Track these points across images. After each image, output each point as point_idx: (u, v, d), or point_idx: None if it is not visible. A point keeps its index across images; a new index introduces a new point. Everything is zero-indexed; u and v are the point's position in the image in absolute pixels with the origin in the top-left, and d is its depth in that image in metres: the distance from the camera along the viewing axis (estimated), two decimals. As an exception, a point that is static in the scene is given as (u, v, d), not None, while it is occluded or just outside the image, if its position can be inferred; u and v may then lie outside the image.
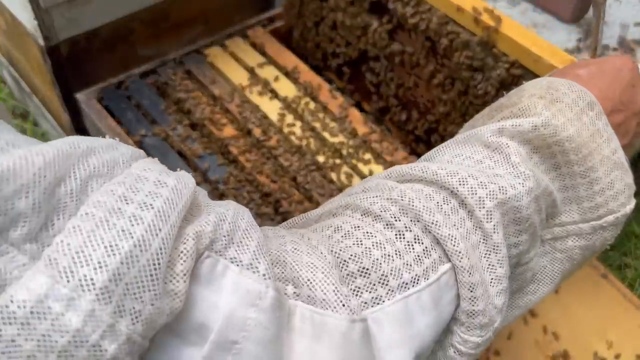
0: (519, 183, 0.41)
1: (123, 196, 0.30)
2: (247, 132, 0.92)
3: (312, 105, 0.95)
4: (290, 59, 1.03)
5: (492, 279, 0.40)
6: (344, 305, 0.35)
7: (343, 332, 0.35)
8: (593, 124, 0.45)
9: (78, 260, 0.27)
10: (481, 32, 0.74)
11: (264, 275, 0.33)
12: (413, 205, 0.40)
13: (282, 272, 0.36)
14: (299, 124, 0.93)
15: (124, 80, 0.97)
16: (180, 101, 0.96)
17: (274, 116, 0.93)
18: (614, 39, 1.07)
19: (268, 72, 1.00)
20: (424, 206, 0.39)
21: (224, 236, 0.34)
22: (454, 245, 0.39)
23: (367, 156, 0.89)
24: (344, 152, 0.89)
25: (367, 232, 0.39)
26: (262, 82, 0.99)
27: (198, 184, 0.85)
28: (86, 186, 0.30)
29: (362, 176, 0.87)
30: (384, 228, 0.40)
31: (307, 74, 1.01)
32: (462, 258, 0.39)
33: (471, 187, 0.40)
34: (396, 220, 0.40)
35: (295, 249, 0.38)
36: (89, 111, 0.92)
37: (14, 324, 0.26)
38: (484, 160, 0.43)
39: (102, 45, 0.95)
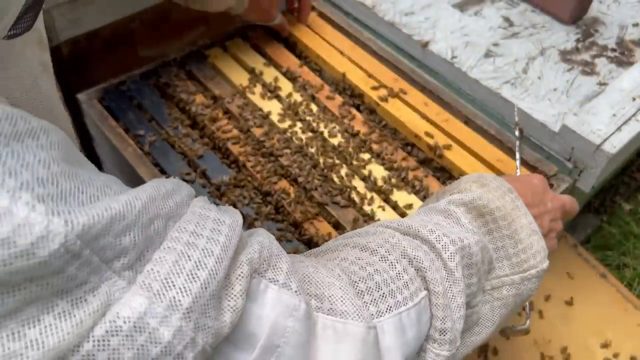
0: (470, 236, 0.54)
1: (194, 232, 0.38)
2: (248, 132, 0.92)
3: (312, 105, 0.96)
4: (290, 60, 1.03)
5: (454, 306, 0.51)
6: (360, 316, 0.44)
7: (363, 337, 0.44)
8: (513, 202, 0.59)
9: (167, 284, 0.34)
10: (434, 156, 0.91)
11: (296, 291, 0.42)
12: (401, 244, 0.51)
13: (308, 289, 0.45)
14: (299, 124, 0.93)
15: (125, 81, 0.97)
16: (181, 101, 0.96)
17: (274, 116, 0.94)
18: (613, 39, 1.07)
19: (268, 73, 1.01)
20: (409, 245, 0.51)
21: (265, 261, 0.42)
22: (432, 274, 0.50)
23: (367, 156, 0.89)
24: (344, 152, 0.89)
25: (368, 262, 0.50)
26: (263, 83, 0.99)
27: (203, 185, 0.85)
28: (166, 224, 0.37)
29: (362, 176, 0.87)
30: (379, 260, 0.50)
31: (308, 75, 1.01)
32: (437, 285, 0.50)
33: (438, 236, 0.52)
34: (389, 255, 0.50)
35: (316, 270, 0.47)
36: (89, 111, 0.92)
37: (119, 335, 0.32)
38: (441, 222, 0.56)
39: (103, 46, 0.96)
